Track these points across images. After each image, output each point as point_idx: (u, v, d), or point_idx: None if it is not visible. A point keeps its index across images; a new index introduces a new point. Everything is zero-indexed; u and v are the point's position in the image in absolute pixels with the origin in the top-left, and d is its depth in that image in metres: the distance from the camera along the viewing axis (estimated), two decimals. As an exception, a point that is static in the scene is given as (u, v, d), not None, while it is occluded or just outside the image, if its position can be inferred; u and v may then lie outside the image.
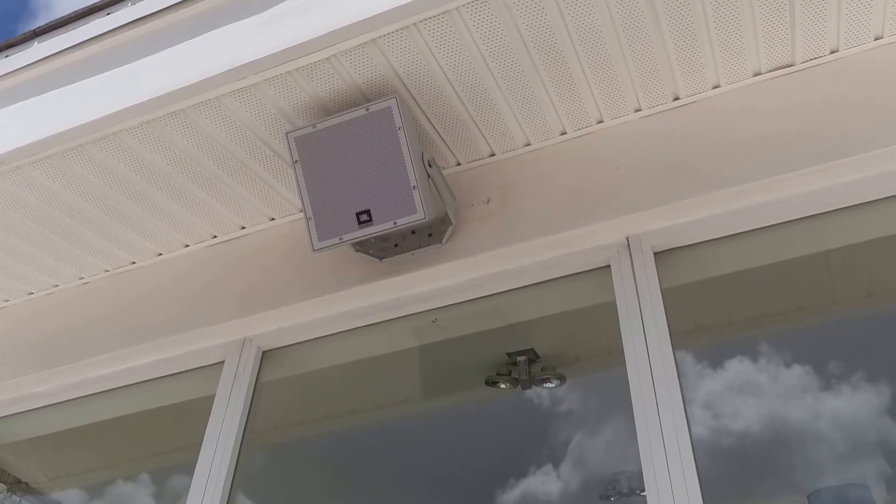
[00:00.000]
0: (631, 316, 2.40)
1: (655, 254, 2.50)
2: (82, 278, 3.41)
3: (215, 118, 2.64)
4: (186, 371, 3.08)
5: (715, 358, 2.39)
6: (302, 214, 3.07)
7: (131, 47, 2.72)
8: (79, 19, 2.85)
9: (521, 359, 2.78)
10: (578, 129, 2.76)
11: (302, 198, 2.62)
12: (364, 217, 2.55)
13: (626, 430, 2.47)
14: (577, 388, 2.75)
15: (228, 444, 2.75)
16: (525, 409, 2.81)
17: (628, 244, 2.53)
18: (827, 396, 2.24)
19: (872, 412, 2.19)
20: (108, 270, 3.37)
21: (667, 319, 2.36)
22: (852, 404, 2.22)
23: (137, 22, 2.73)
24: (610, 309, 2.58)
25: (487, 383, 2.81)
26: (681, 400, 2.21)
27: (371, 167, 2.55)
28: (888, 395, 2.18)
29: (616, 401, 2.55)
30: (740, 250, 2.49)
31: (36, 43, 2.92)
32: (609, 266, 2.54)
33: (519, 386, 2.75)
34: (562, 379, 2.74)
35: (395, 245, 2.83)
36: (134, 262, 3.34)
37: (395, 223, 2.53)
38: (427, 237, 2.79)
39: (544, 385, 2.76)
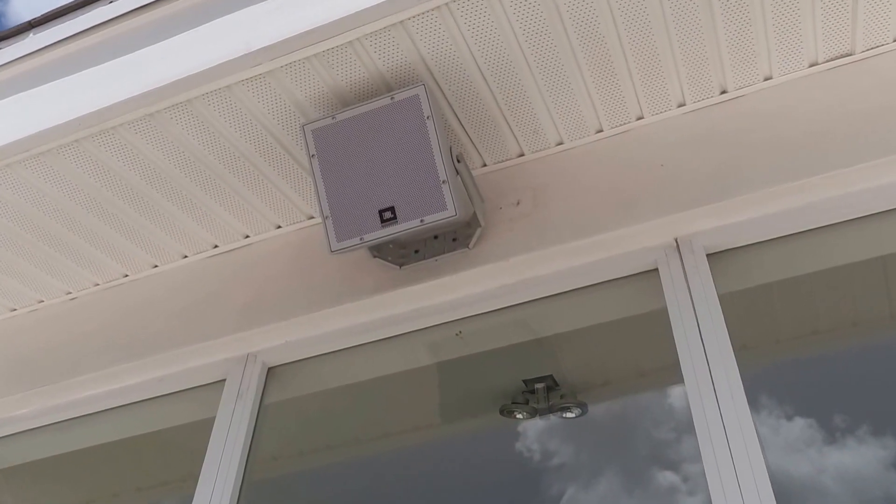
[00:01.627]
0: (686, 324, 2.18)
1: (708, 255, 2.29)
2: (70, 293, 3.15)
3: (224, 110, 2.43)
4: (183, 391, 2.80)
5: (783, 374, 2.16)
6: (311, 221, 2.88)
7: (136, 36, 2.50)
8: (78, 9, 2.65)
9: (539, 386, 2.53)
10: (616, 126, 2.57)
11: (319, 195, 2.40)
12: (388, 215, 2.33)
13: (649, 466, 2.23)
14: (601, 417, 2.50)
15: (230, 472, 2.47)
16: (545, 442, 2.55)
17: (677, 245, 2.32)
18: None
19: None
20: (97, 284, 3.11)
21: (727, 328, 2.13)
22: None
23: (143, 9, 2.52)
24: (653, 319, 2.36)
25: (503, 413, 2.55)
26: (752, 425, 1.97)
27: (396, 161, 2.34)
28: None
29: (643, 430, 2.32)
30: (801, 251, 2.28)
31: (31, 34, 2.71)
32: (657, 269, 2.33)
33: (537, 416, 2.50)
34: (583, 407, 2.49)
35: (416, 251, 2.60)
36: (126, 275, 3.08)
37: (422, 221, 2.30)
38: (451, 242, 2.56)
39: (564, 415, 2.50)
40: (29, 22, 2.70)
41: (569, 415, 2.47)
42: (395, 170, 2.33)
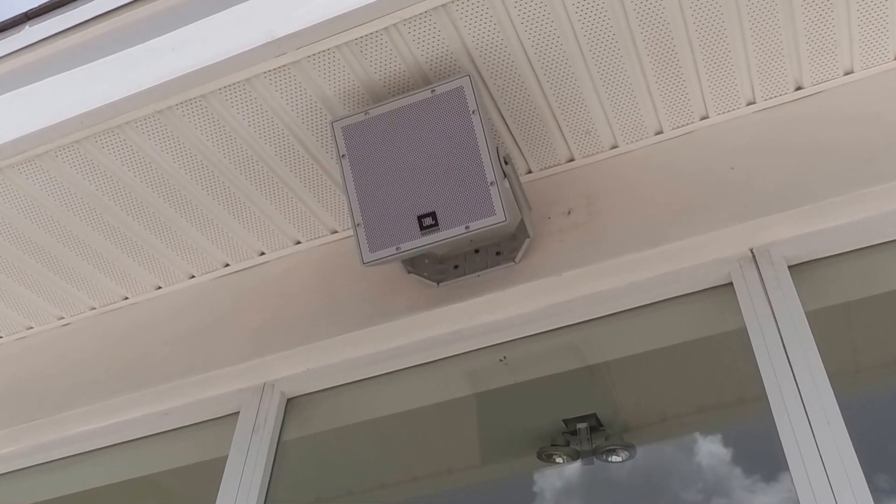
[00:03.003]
0: (770, 345, 1.91)
1: (789, 267, 2.03)
2: (62, 318, 2.86)
3: (243, 107, 2.18)
4: (191, 426, 2.51)
5: (887, 402, 1.89)
6: (334, 236, 2.63)
7: (143, 25, 2.29)
8: (79, -1, 2.42)
9: (581, 426, 2.24)
10: (677, 128, 2.32)
11: (349, 200, 2.14)
12: (428, 221, 2.07)
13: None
14: (653, 461, 2.20)
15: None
16: (584, 490, 2.25)
17: (753, 256, 2.07)
18: None
19: None
20: (94, 308, 2.83)
21: (818, 350, 1.87)
22: None
23: (151, -4, 2.29)
24: (722, 341, 2.11)
25: (540, 457, 2.25)
26: (857, 465, 1.69)
27: (437, 161, 2.09)
28: None
29: (705, 476, 2.03)
30: (893, 261, 2.03)
31: (27, 26, 2.47)
32: (731, 283, 2.07)
33: (579, 459, 2.20)
34: (630, 450, 2.19)
35: (455, 266, 2.34)
36: (126, 298, 2.80)
37: (467, 227, 2.04)
38: (495, 255, 2.30)
39: (609, 459, 2.21)
40: (25, 13, 2.46)
41: (615, 458, 2.18)
42: (435, 171, 2.08)
